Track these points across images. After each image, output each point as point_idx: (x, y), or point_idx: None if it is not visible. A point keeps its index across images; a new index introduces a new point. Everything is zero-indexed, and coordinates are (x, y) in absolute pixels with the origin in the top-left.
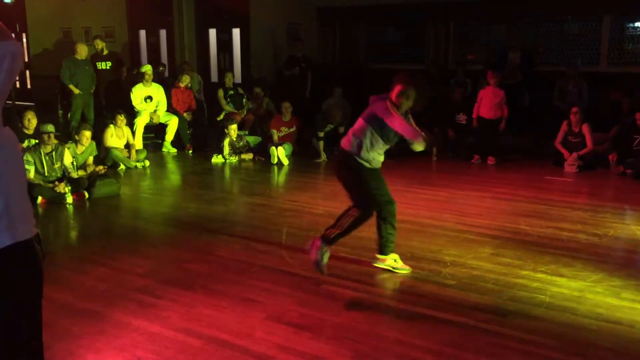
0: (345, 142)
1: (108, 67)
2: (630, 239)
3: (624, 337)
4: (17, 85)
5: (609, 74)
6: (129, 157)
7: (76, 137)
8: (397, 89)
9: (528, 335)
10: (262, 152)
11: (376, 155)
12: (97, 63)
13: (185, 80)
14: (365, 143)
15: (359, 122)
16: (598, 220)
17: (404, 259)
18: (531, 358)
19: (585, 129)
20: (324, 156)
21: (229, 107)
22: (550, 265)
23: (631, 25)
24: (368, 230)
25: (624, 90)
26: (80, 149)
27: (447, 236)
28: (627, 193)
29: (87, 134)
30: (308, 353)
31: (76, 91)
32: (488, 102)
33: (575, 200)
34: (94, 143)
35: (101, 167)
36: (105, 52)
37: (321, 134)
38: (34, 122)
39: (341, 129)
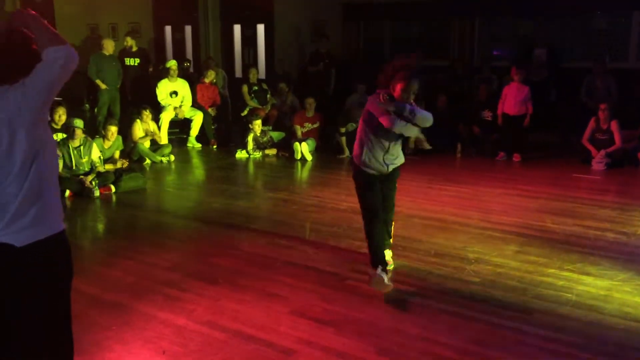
0: (354, 147)
1: (136, 64)
2: None
3: None
4: None
5: (638, 70)
6: (154, 151)
7: (102, 131)
8: (399, 86)
9: (554, 334)
10: (285, 147)
11: (379, 157)
12: (125, 59)
13: (210, 76)
14: (367, 144)
15: (360, 123)
16: (626, 218)
17: (428, 255)
18: (557, 357)
19: (614, 125)
20: (347, 152)
21: (253, 103)
22: (576, 263)
23: None
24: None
25: None
26: (107, 143)
27: (471, 233)
28: None
29: (113, 129)
30: (331, 348)
31: (103, 86)
32: (512, 99)
33: (602, 198)
34: (120, 138)
35: (124, 160)
36: (135, 49)
37: (342, 130)
38: (64, 118)
39: None
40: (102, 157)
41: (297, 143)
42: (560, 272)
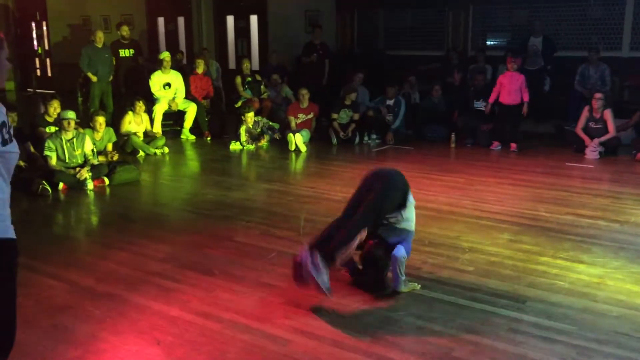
0: None
1: (130, 55)
2: None
3: None
4: (38, 73)
5: (632, 59)
6: (147, 144)
7: (91, 123)
8: None
9: (547, 322)
10: (280, 138)
11: None
12: (119, 50)
13: (200, 66)
14: None
15: None
16: (619, 207)
17: (422, 244)
18: (550, 344)
19: (607, 114)
20: (334, 140)
21: (246, 94)
22: (569, 251)
23: None
24: None
25: None
26: (97, 135)
27: (465, 222)
28: None
29: (101, 119)
30: (326, 337)
31: (94, 79)
32: (507, 88)
33: (595, 187)
34: (111, 130)
35: (114, 152)
36: (128, 39)
37: (334, 116)
38: (58, 110)
39: (356, 116)
40: (95, 150)
41: (291, 134)
42: (553, 260)
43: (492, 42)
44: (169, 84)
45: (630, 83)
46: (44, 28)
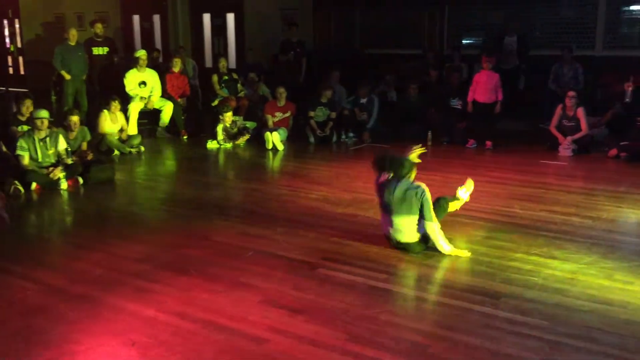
0: None
1: (105, 53)
2: (623, 221)
3: (616, 318)
4: (11, 71)
5: (605, 57)
6: (123, 143)
7: (65, 123)
8: None
9: (521, 317)
10: (257, 137)
11: None
12: (93, 48)
13: (177, 64)
14: None
15: None
16: (592, 203)
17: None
18: (523, 339)
19: (580, 112)
20: (311, 138)
21: (223, 92)
22: (543, 248)
23: (626, 8)
24: (363, 215)
25: (619, 74)
26: (71, 135)
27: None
28: (621, 176)
29: (75, 119)
30: (303, 336)
31: (67, 77)
32: (483, 86)
33: (569, 184)
34: (85, 128)
35: (89, 152)
36: (101, 37)
37: (311, 114)
38: (31, 109)
39: (333, 114)
40: (69, 149)
41: (268, 133)
42: (527, 256)
43: (467, 41)
44: (144, 83)
45: (603, 81)
46: (17, 26)
